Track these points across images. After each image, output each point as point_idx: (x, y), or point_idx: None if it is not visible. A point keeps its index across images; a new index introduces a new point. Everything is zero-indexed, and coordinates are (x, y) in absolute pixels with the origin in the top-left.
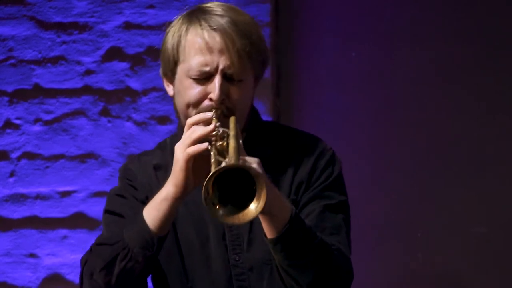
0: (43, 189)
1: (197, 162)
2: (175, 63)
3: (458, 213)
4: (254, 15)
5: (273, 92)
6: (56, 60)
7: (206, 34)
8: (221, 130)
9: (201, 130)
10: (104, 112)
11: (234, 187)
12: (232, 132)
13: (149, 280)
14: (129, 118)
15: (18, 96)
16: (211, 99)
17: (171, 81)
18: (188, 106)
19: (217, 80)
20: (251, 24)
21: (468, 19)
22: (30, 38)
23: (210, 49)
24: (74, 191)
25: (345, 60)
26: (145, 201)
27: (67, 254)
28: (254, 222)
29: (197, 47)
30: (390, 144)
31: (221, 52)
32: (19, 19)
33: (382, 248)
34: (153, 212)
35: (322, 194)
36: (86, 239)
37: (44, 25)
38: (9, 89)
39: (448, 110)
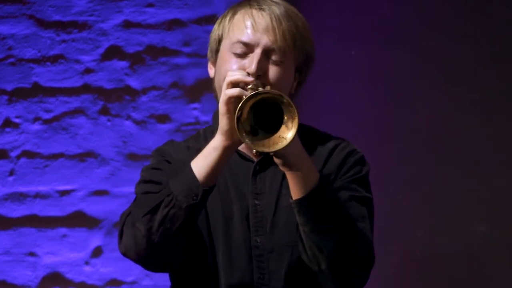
0: (42, 188)
1: None
2: (220, 41)
3: (458, 212)
4: None
5: None
6: (55, 59)
7: (254, 12)
8: (258, 85)
9: (239, 75)
10: (104, 111)
11: (268, 121)
12: (268, 88)
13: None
14: (129, 117)
15: (17, 94)
16: (248, 74)
17: (214, 62)
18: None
19: (256, 54)
20: (301, 17)
21: (468, 19)
22: (30, 36)
23: (255, 27)
24: (73, 190)
25: (345, 59)
26: None
27: (66, 252)
28: (278, 206)
29: (243, 24)
30: (389, 143)
31: (266, 29)
32: (19, 17)
33: (381, 247)
34: (200, 162)
35: (349, 186)
36: (85, 237)
37: (44, 24)
38: (9, 87)
39: (447, 110)
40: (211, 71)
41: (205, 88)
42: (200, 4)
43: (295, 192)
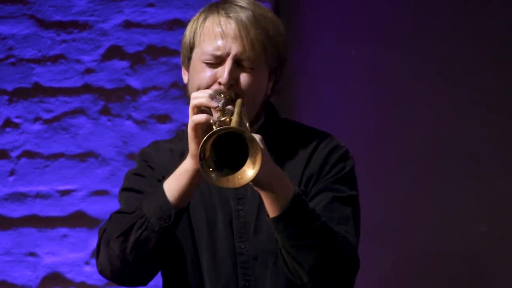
0: (43, 188)
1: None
2: (191, 49)
3: (458, 212)
4: None
5: None
6: (56, 59)
7: (222, 21)
8: (224, 104)
9: (203, 98)
10: (104, 111)
11: (233, 154)
12: (236, 109)
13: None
14: (129, 117)
15: (18, 94)
16: (220, 83)
17: (187, 68)
18: (198, 89)
19: (227, 64)
20: (271, 19)
21: (468, 19)
22: (30, 36)
23: (224, 35)
24: (73, 190)
25: (345, 59)
26: (162, 181)
27: (66, 253)
28: (261, 211)
29: (211, 32)
30: (389, 143)
31: (234, 38)
32: (19, 17)
33: (381, 246)
34: (172, 184)
35: (332, 186)
36: (85, 238)
37: (44, 24)
38: (9, 87)
39: (447, 110)
40: (185, 77)
41: None
42: (201, 4)
43: (270, 210)
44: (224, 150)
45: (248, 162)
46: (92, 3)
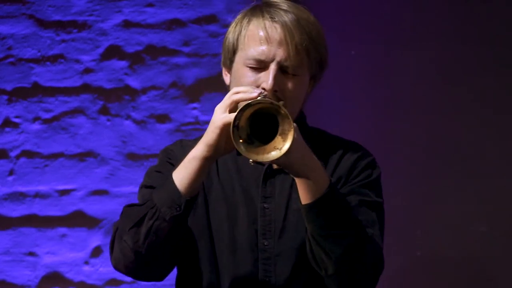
0: (42, 188)
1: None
2: (234, 51)
3: (458, 212)
4: None
5: None
6: (55, 59)
7: (267, 25)
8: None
9: (244, 93)
10: (103, 111)
11: (269, 134)
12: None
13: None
14: (128, 117)
15: (17, 94)
16: (264, 89)
17: (229, 70)
18: None
19: (272, 69)
20: (313, 23)
21: (468, 19)
22: (29, 36)
23: (269, 40)
24: (73, 190)
25: (345, 59)
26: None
27: (66, 252)
28: (289, 210)
29: (256, 36)
30: (389, 143)
31: (279, 43)
32: (18, 17)
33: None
34: (181, 172)
35: (360, 190)
36: (85, 237)
37: (43, 24)
38: (8, 87)
39: (447, 110)
40: (227, 78)
41: (205, 87)
42: (200, 4)
43: (304, 197)
44: (258, 128)
45: (279, 138)
46: (91, 3)
